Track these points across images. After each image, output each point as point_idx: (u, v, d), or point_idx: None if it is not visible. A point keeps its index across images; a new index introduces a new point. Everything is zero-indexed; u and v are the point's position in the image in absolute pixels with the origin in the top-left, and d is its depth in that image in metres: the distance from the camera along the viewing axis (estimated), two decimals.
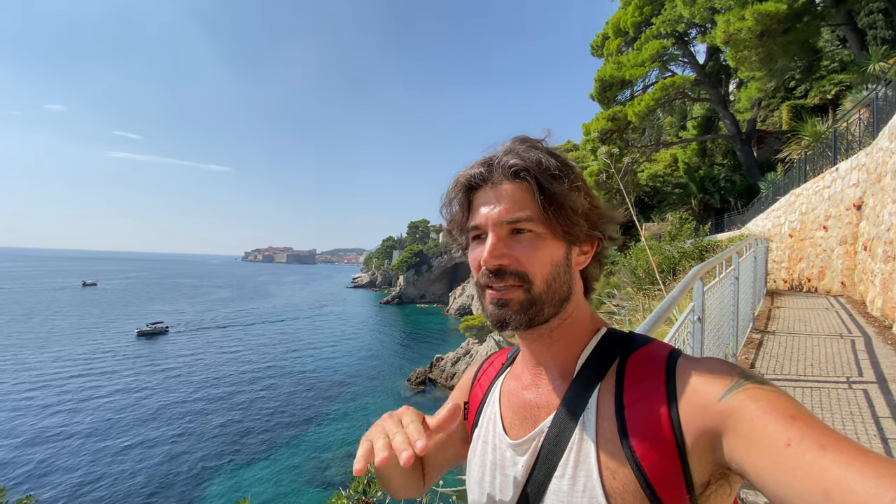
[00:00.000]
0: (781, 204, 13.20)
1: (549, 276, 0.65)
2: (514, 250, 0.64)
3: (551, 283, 0.65)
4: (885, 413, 3.56)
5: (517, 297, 0.64)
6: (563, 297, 0.66)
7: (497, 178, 0.66)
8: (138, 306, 68.99)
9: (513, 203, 0.64)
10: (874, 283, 7.03)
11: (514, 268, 0.64)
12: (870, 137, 8.54)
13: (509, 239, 0.65)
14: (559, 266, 0.66)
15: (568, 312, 0.68)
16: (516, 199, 0.65)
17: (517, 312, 0.64)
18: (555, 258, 0.65)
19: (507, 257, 0.64)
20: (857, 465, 0.40)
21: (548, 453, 0.63)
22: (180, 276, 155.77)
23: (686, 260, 10.04)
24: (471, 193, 0.69)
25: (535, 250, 0.64)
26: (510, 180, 0.65)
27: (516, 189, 0.65)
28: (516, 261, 0.64)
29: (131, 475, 19.01)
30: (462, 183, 0.69)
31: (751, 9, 15.43)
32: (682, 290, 2.22)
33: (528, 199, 0.64)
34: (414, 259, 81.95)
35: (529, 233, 0.64)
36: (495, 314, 0.65)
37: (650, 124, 25.08)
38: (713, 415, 0.53)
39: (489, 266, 0.64)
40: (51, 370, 32.63)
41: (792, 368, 4.76)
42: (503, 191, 0.65)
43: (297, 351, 41.81)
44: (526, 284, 0.64)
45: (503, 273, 0.64)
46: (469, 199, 0.70)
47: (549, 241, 0.65)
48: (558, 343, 0.69)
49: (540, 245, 0.64)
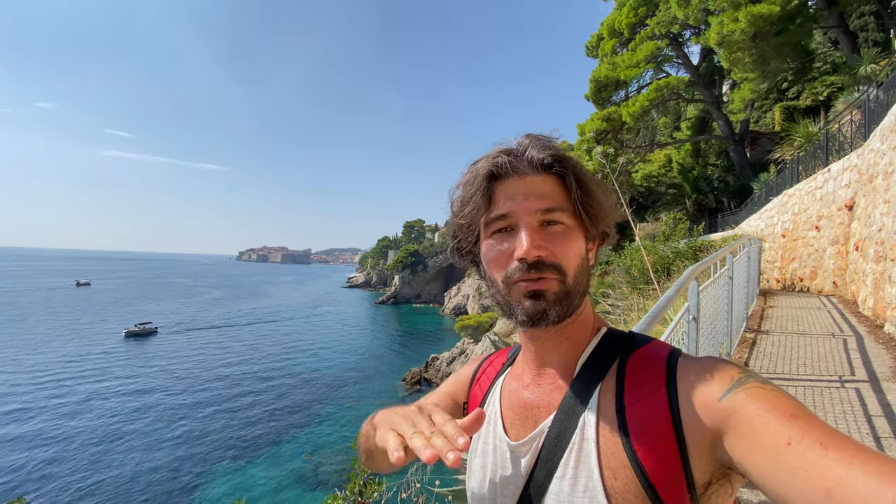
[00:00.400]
0: (774, 204, 13.30)
1: (578, 268, 0.64)
2: (549, 242, 0.63)
3: (579, 276, 0.65)
4: (877, 411, 3.59)
5: (553, 288, 0.62)
6: (584, 291, 0.66)
7: (524, 168, 0.65)
8: (132, 306, 68.42)
9: (545, 195, 0.64)
10: (866, 283, 7.10)
11: (551, 260, 0.62)
12: (861, 139, 8.62)
13: (542, 230, 0.64)
14: (584, 259, 0.66)
15: (582, 308, 0.68)
16: (547, 190, 0.64)
17: (554, 303, 0.62)
18: (581, 252, 0.65)
19: (544, 249, 0.62)
20: (859, 464, 0.40)
21: (548, 454, 0.63)
22: (173, 275, 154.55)
23: (680, 260, 10.10)
24: (493, 184, 0.66)
25: (569, 242, 0.64)
26: (539, 172, 0.65)
27: (546, 181, 0.64)
28: (551, 253, 0.62)
29: (124, 477, 18.84)
30: (486, 171, 0.66)
31: (744, 10, 15.54)
32: (678, 290, 2.23)
33: (559, 191, 0.64)
34: (409, 259, 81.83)
35: (560, 225, 0.64)
36: (531, 307, 0.62)
37: (645, 125, 25.18)
38: (714, 414, 0.53)
39: (530, 257, 0.61)
40: (42, 371, 32.30)
41: (785, 367, 4.80)
42: (533, 182, 0.64)
43: (291, 351, 41.60)
44: (561, 276, 0.63)
45: (541, 265, 0.62)
46: (491, 189, 0.66)
47: (577, 234, 0.65)
48: (567, 341, 0.68)
49: (572, 237, 0.64)
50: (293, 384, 31.48)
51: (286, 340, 46.63)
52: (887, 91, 8.08)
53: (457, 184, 0.71)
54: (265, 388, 30.44)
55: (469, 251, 0.72)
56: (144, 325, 47.19)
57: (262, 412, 26.15)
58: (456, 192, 0.71)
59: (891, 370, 4.53)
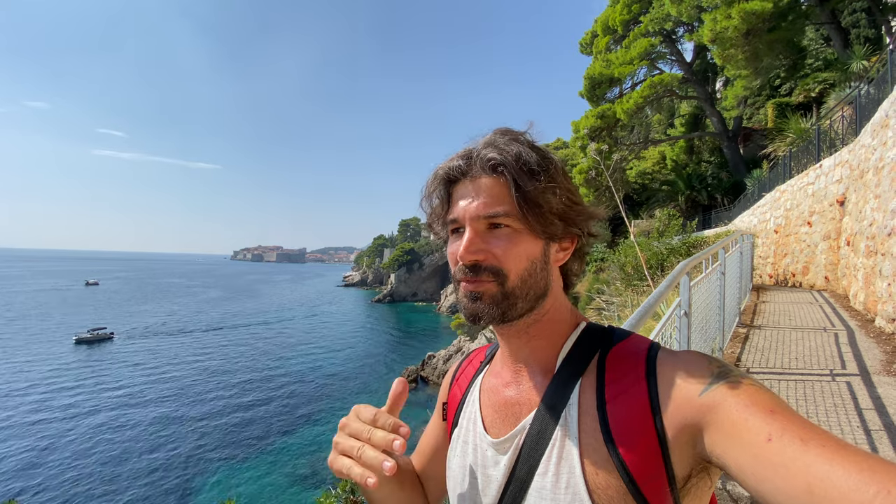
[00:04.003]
0: (767, 200, 13.40)
1: (524, 271, 0.64)
2: (491, 245, 0.63)
3: (527, 278, 0.64)
4: (867, 405, 3.63)
5: (489, 291, 0.63)
6: (539, 294, 0.66)
7: (476, 171, 0.65)
8: (130, 307, 68.04)
9: (490, 197, 0.63)
10: (857, 278, 7.17)
11: (490, 263, 0.63)
12: (853, 134, 8.69)
13: (487, 233, 0.64)
14: (536, 262, 0.65)
15: (546, 308, 0.67)
16: (494, 193, 0.63)
17: (490, 306, 0.63)
18: (531, 254, 0.64)
19: (483, 252, 0.63)
20: (840, 460, 0.40)
21: (530, 451, 0.62)
22: (168, 275, 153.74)
23: (674, 256, 10.14)
24: (450, 186, 0.68)
25: (512, 245, 0.63)
26: (488, 174, 0.64)
27: (494, 183, 0.64)
28: (492, 256, 0.63)
29: (121, 478, 18.78)
30: (441, 176, 0.68)
31: (737, 7, 15.61)
32: (669, 285, 2.23)
33: (506, 193, 0.63)
34: (405, 257, 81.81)
35: (507, 228, 0.64)
36: (469, 307, 0.65)
37: (638, 122, 25.23)
38: (694, 409, 0.52)
39: (465, 261, 0.63)
40: (31, 375, 32.07)
41: (777, 362, 4.84)
42: (481, 185, 0.64)
43: (286, 350, 41.54)
44: (500, 279, 0.63)
45: (478, 269, 0.63)
46: (448, 191, 0.68)
47: (526, 236, 0.64)
48: (537, 339, 0.68)
49: (517, 240, 0.63)
50: (288, 384, 31.42)
51: (281, 340, 46.54)
52: (878, 87, 8.14)
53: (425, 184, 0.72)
54: (260, 387, 30.39)
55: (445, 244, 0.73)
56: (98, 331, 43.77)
57: (256, 412, 26.10)
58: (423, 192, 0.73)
59: (881, 364, 4.57)
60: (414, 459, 0.89)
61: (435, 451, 0.85)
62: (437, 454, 0.84)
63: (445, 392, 0.85)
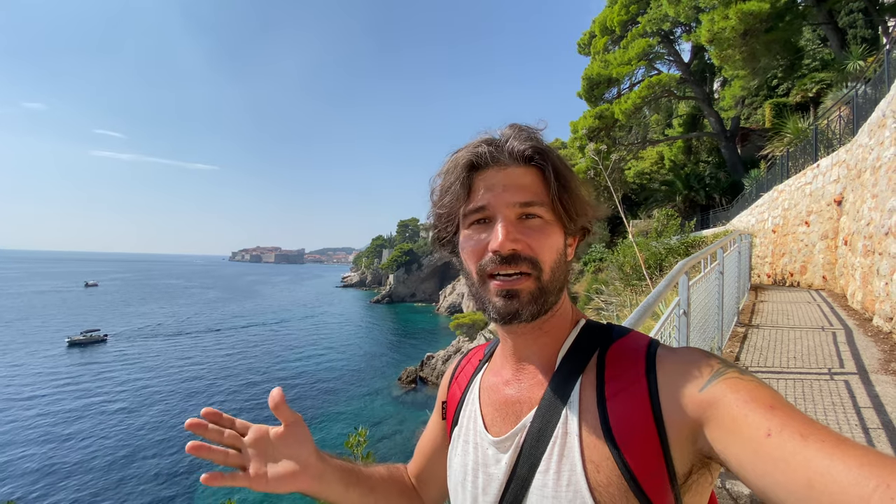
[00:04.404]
0: (765, 200, 13.42)
1: (554, 264, 0.63)
2: (526, 235, 0.62)
3: (556, 271, 0.64)
4: (865, 403, 3.63)
5: (528, 288, 0.62)
6: (561, 287, 0.66)
7: (506, 159, 0.64)
8: (128, 308, 67.84)
9: (524, 187, 0.63)
10: (854, 277, 7.18)
11: (527, 253, 0.61)
12: (850, 134, 8.71)
13: (520, 224, 0.63)
14: (561, 254, 0.65)
15: (560, 303, 0.67)
16: (527, 182, 0.63)
17: (529, 303, 0.62)
18: (559, 246, 0.64)
19: (520, 242, 0.61)
20: (840, 455, 0.40)
21: (531, 448, 0.62)
22: (166, 276, 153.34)
23: (672, 256, 10.16)
24: (473, 174, 0.65)
25: (545, 237, 0.63)
26: (520, 164, 0.63)
27: (526, 173, 0.63)
28: (528, 246, 0.61)
29: (115, 478, 18.71)
30: (466, 161, 0.64)
31: (734, 8, 15.65)
32: (668, 284, 2.23)
33: (539, 184, 0.63)
34: (404, 258, 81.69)
35: (538, 219, 0.63)
36: (504, 306, 0.62)
37: (637, 122, 25.28)
38: (694, 405, 0.52)
39: (504, 250, 0.60)
40: (20, 378, 31.96)
41: (775, 361, 4.84)
42: (513, 173, 0.63)
43: (286, 352, 41.42)
44: (536, 272, 0.62)
45: (517, 259, 0.61)
46: (470, 179, 0.65)
47: (555, 228, 0.64)
48: (546, 336, 0.67)
49: (549, 232, 0.63)
50: (287, 385, 31.30)
51: (280, 341, 46.39)
52: (875, 87, 8.16)
53: (438, 172, 0.69)
54: (259, 389, 30.28)
55: (449, 241, 0.71)
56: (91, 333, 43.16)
57: (255, 413, 26.01)
58: (437, 180, 0.70)
59: (879, 362, 4.58)
60: (414, 458, 0.90)
61: (435, 450, 0.85)
62: (438, 453, 0.84)
63: (445, 391, 0.85)
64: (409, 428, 23.47)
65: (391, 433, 23.13)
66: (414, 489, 0.88)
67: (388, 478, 0.84)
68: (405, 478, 0.89)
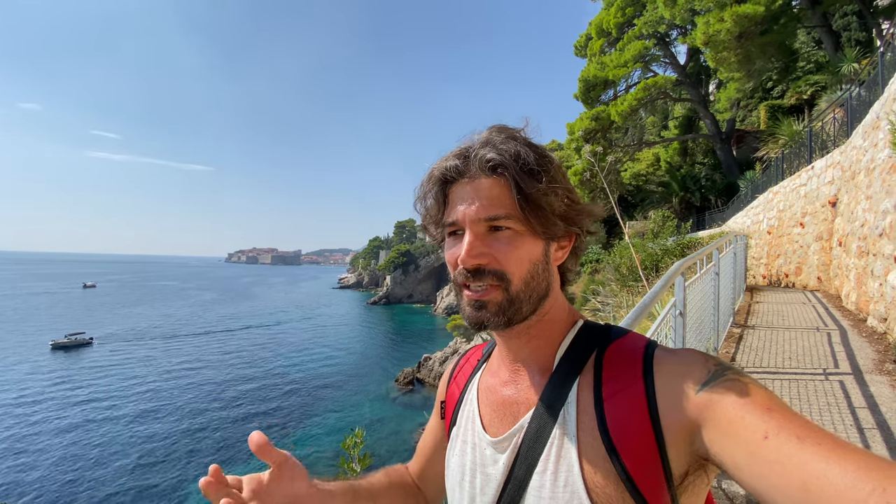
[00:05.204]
0: (760, 202, 13.50)
1: (527, 274, 0.63)
2: (493, 248, 0.62)
3: (529, 281, 0.63)
4: (860, 403, 3.65)
5: (495, 299, 0.62)
6: (541, 295, 0.65)
7: (474, 171, 0.63)
8: (125, 309, 67.47)
9: (490, 200, 0.62)
10: (849, 278, 7.23)
11: (493, 267, 0.61)
12: (844, 136, 8.78)
13: (487, 236, 0.62)
14: (538, 264, 0.64)
15: (546, 308, 0.67)
16: (494, 195, 0.62)
17: (495, 314, 0.62)
18: (533, 256, 0.63)
19: (485, 256, 0.61)
20: (836, 458, 0.40)
21: (528, 449, 0.62)
22: (162, 278, 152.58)
23: (668, 257, 10.20)
24: (446, 187, 0.66)
25: (514, 248, 0.62)
26: (487, 175, 0.62)
27: (494, 184, 0.62)
28: (494, 260, 0.61)
29: (114, 478, 18.60)
30: (437, 176, 0.66)
31: (729, 11, 15.76)
32: (664, 285, 2.24)
33: (507, 195, 0.62)
34: (401, 259, 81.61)
35: (508, 230, 0.62)
36: (473, 316, 0.63)
37: (633, 124, 25.42)
38: (691, 407, 0.52)
39: (467, 266, 0.61)
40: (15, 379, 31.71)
41: (771, 361, 4.87)
42: (480, 186, 0.63)
43: (282, 353, 41.27)
44: (504, 284, 0.62)
45: (481, 272, 0.62)
46: (445, 192, 0.66)
47: (527, 238, 0.63)
48: (537, 339, 0.68)
49: (519, 243, 0.62)
50: (283, 386, 31.21)
51: (277, 343, 46.22)
52: (869, 89, 8.23)
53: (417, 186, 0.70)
54: (256, 391, 30.16)
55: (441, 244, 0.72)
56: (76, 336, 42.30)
57: (253, 414, 25.92)
58: (417, 194, 0.71)
59: (874, 363, 4.61)
60: (416, 457, 0.90)
61: (435, 449, 0.86)
62: (437, 453, 0.84)
63: (443, 391, 0.85)
64: (407, 429, 23.44)
65: (388, 434, 23.08)
66: (417, 488, 0.88)
67: (388, 484, 0.84)
68: (407, 478, 0.89)
